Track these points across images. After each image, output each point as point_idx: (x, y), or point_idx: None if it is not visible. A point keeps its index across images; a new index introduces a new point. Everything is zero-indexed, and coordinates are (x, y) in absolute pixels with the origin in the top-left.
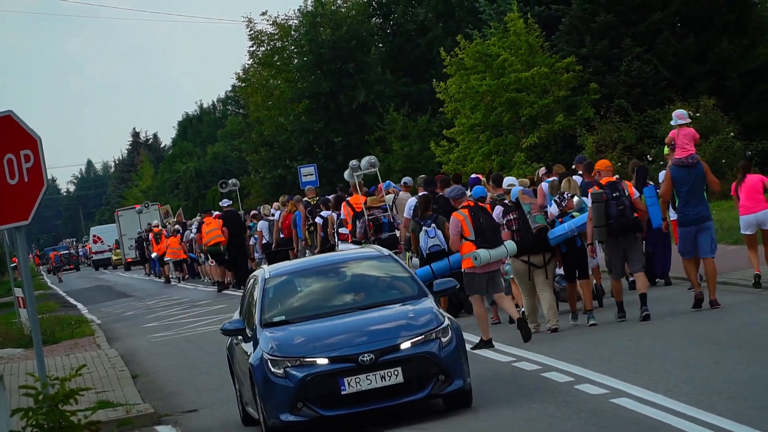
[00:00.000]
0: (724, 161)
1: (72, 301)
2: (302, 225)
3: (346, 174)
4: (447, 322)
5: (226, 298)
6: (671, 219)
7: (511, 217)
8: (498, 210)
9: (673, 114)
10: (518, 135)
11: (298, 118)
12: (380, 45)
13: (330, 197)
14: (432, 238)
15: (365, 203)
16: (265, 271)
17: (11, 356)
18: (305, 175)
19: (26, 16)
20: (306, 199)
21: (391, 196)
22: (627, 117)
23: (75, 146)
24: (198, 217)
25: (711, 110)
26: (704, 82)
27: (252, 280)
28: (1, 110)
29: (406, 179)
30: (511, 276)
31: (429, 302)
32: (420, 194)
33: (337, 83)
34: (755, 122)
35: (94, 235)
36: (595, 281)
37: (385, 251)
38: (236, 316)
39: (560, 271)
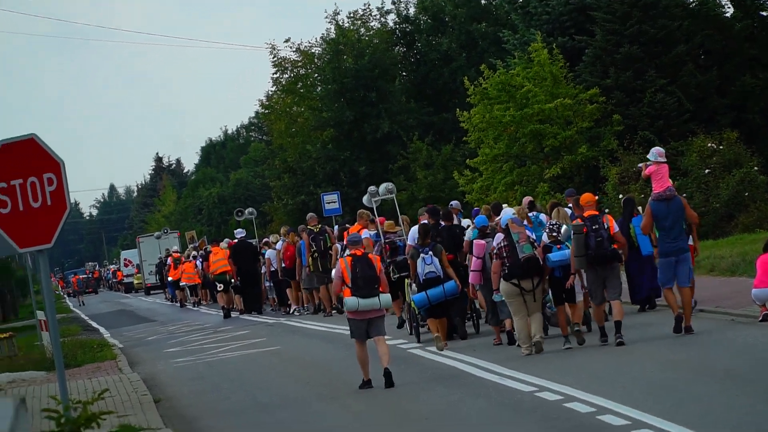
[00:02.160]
0: (747, 194)
1: (94, 324)
2: (306, 252)
3: (365, 199)
4: None
5: (249, 325)
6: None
7: (503, 244)
8: (499, 237)
9: (653, 150)
10: (541, 165)
11: (324, 146)
12: (404, 74)
13: (326, 227)
14: (428, 265)
15: (382, 227)
16: None
17: (33, 379)
18: (328, 203)
19: (48, 39)
20: (309, 227)
21: (407, 226)
22: (650, 149)
23: (98, 170)
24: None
25: (734, 143)
26: (727, 114)
27: None
28: (23, 134)
29: (454, 203)
30: (498, 301)
31: None
32: (420, 223)
33: (360, 112)
34: None
35: (125, 259)
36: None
37: None
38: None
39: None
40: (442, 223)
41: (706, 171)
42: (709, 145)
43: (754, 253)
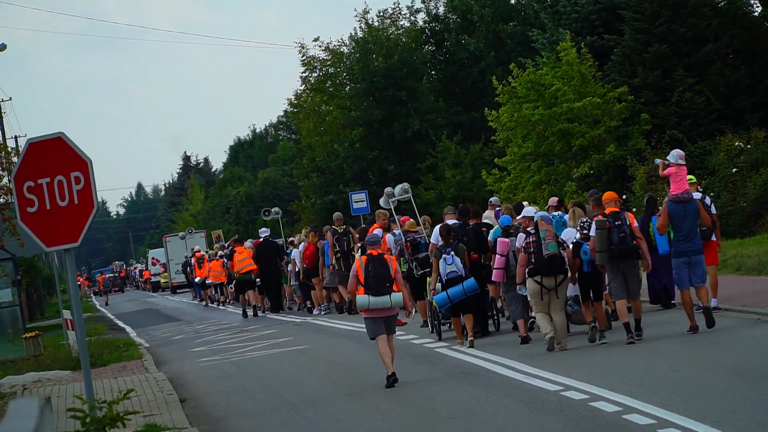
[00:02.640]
0: None
1: (120, 324)
2: (330, 252)
3: (382, 200)
4: None
5: (276, 324)
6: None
7: (531, 240)
8: (521, 237)
9: (674, 152)
10: (569, 165)
11: (352, 145)
12: (433, 73)
13: (351, 228)
14: (449, 264)
15: (403, 227)
16: None
17: (59, 378)
18: (356, 202)
19: (77, 38)
20: (334, 227)
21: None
22: (678, 148)
23: (125, 169)
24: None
25: (761, 142)
26: (755, 113)
27: None
28: (51, 132)
29: (493, 199)
30: (523, 294)
31: None
32: (444, 222)
33: (389, 111)
34: None
35: (153, 258)
36: (607, 305)
37: None
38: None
39: (571, 293)
40: (470, 222)
41: (734, 170)
42: (737, 144)
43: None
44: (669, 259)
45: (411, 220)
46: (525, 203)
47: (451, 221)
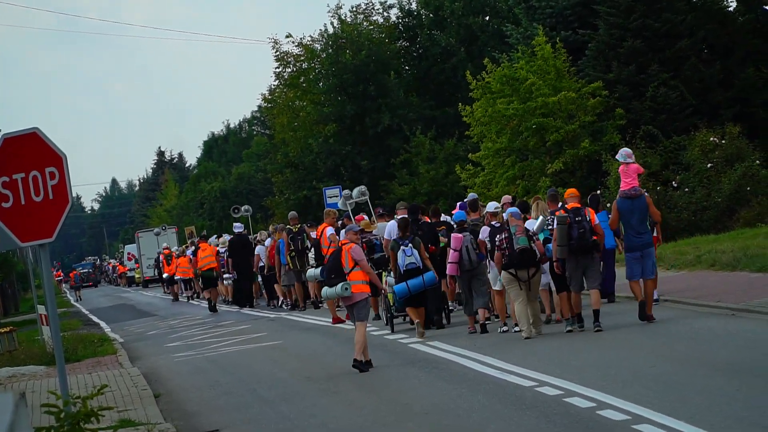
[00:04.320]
0: (749, 188)
1: (95, 319)
2: (285, 251)
3: (340, 203)
4: None
5: (249, 319)
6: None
7: (503, 236)
8: (485, 230)
9: (622, 151)
10: (544, 160)
11: (326, 140)
12: (407, 68)
13: (305, 227)
14: (409, 256)
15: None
16: None
17: (33, 374)
18: (330, 197)
19: (51, 33)
20: (289, 226)
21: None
22: (652, 143)
23: (100, 164)
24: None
25: (736, 137)
26: (730, 108)
27: None
28: (26, 127)
29: (472, 195)
30: (497, 288)
31: None
32: (399, 217)
33: (361, 106)
34: None
35: (129, 253)
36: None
37: None
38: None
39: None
40: (422, 219)
41: (709, 165)
42: (711, 139)
43: (755, 247)
44: (612, 253)
45: (366, 219)
46: (506, 197)
47: (401, 216)
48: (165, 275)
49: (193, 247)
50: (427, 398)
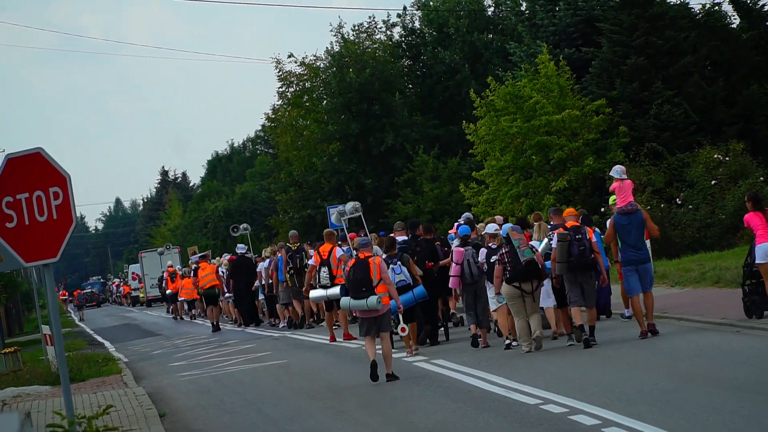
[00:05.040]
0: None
1: (99, 339)
2: (284, 269)
3: (334, 218)
4: None
5: (254, 338)
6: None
7: (504, 251)
8: (483, 251)
9: (616, 168)
10: (548, 178)
11: (330, 159)
12: (410, 86)
13: (305, 246)
14: (398, 274)
15: (352, 243)
16: None
17: (38, 393)
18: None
19: (53, 53)
20: (288, 245)
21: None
22: (656, 161)
23: (104, 184)
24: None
25: (740, 154)
26: (733, 125)
27: None
28: (29, 147)
29: (466, 215)
30: (501, 303)
31: None
32: (387, 236)
33: (365, 125)
34: None
35: (133, 273)
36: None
37: None
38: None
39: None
40: (420, 235)
41: (713, 182)
42: (715, 156)
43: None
44: (607, 271)
45: (359, 237)
46: (498, 218)
47: (400, 237)
48: (168, 292)
49: (195, 267)
50: (432, 416)
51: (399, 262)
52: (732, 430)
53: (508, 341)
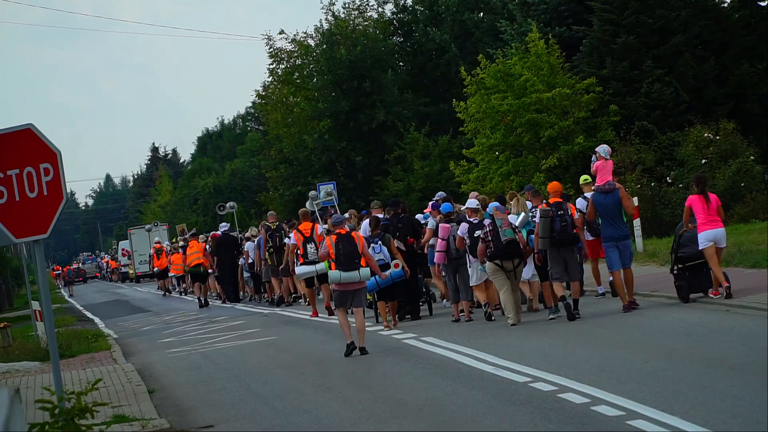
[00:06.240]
0: (743, 184)
1: (89, 315)
2: (263, 247)
3: (308, 204)
4: None
5: (244, 315)
6: (589, 239)
7: (488, 229)
8: (464, 226)
9: (604, 147)
10: (538, 156)
11: (320, 136)
12: (401, 64)
13: (283, 225)
14: (378, 253)
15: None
16: None
17: (28, 369)
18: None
19: (43, 29)
20: (267, 224)
21: (354, 219)
22: (646, 139)
23: (94, 160)
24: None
25: (730, 133)
26: (724, 105)
27: None
28: (20, 124)
29: (440, 193)
30: (482, 272)
31: None
32: (372, 215)
33: (356, 102)
34: None
35: (123, 249)
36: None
37: None
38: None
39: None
40: (401, 213)
41: (703, 161)
42: (706, 135)
43: (749, 243)
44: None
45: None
46: (473, 194)
47: (379, 215)
48: (155, 269)
49: (184, 243)
50: (421, 394)
51: (380, 242)
52: (722, 409)
53: (486, 310)
